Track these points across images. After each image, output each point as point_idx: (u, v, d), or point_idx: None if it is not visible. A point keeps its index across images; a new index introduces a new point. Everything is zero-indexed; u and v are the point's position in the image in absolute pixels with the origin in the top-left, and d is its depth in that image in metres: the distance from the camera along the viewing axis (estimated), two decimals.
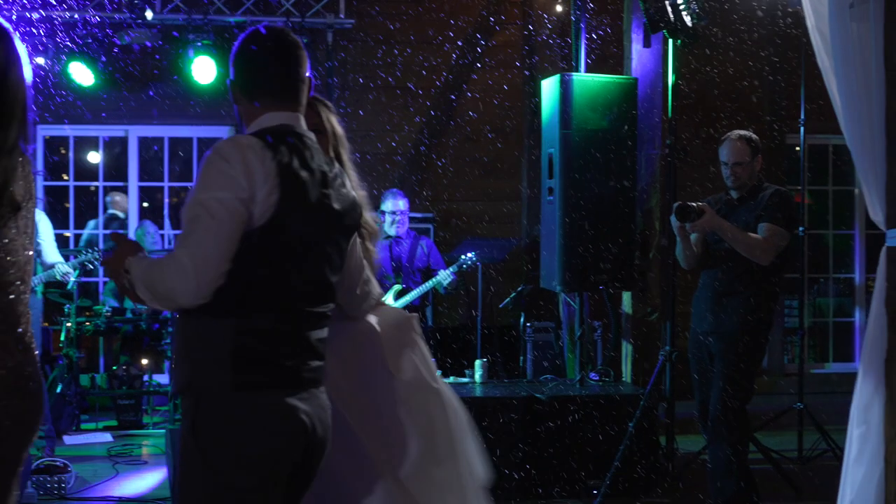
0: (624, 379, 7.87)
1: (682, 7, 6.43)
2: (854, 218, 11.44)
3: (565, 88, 7.02)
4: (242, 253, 2.80)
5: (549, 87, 7.25)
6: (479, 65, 10.45)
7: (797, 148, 11.10)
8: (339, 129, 3.58)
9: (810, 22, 4.50)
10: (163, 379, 9.70)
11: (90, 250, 8.18)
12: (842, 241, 11.51)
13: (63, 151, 10.69)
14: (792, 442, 7.78)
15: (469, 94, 10.45)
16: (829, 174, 11.31)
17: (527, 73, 10.42)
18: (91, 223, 10.58)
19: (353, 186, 3.22)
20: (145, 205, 10.81)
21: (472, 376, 7.33)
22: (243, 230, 2.80)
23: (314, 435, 2.94)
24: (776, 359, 10.63)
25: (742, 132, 6.03)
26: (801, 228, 7.62)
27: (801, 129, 7.58)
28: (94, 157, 10.80)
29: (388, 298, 8.22)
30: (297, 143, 2.97)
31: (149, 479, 7.17)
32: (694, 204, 5.78)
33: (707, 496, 6.22)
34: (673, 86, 6.65)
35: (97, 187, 10.70)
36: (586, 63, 8.41)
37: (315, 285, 2.99)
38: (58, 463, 6.72)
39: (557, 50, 9.98)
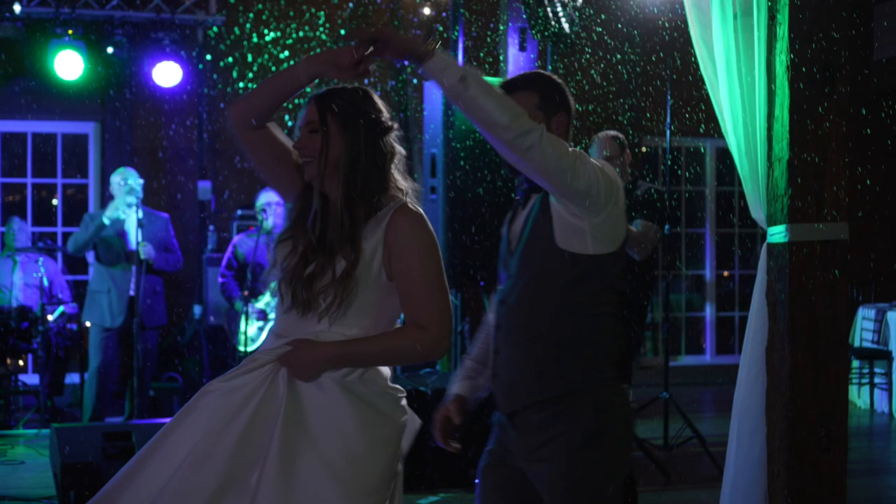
0: None
1: (561, 14, 6.71)
2: (705, 218, 12.03)
3: None
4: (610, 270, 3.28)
5: (433, 89, 7.40)
6: None
7: (644, 149, 11.63)
8: None
9: (695, 33, 4.70)
10: (28, 379, 9.50)
11: None
12: (693, 239, 12.09)
13: None
14: (656, 430, 8.13)
15: None
16: (682, 177, 11.86)
17: (392, 73, 10.56)
18: None
19: None
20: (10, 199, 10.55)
21: None
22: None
23: None
24: None
25: (608, 131, 6.32)
26: (667, 227, 7.96)
27: (668, 133, 7.89)
28: None
29: (268, 297, 8.27)
30: None
31: (29, 479, 7.05)
32: None
33: None
34: None
35: None
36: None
37: None
38: None
39: None
